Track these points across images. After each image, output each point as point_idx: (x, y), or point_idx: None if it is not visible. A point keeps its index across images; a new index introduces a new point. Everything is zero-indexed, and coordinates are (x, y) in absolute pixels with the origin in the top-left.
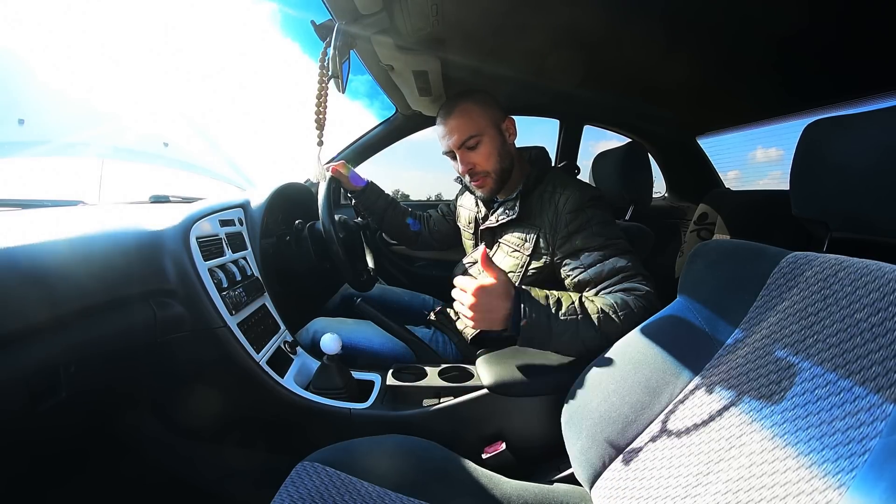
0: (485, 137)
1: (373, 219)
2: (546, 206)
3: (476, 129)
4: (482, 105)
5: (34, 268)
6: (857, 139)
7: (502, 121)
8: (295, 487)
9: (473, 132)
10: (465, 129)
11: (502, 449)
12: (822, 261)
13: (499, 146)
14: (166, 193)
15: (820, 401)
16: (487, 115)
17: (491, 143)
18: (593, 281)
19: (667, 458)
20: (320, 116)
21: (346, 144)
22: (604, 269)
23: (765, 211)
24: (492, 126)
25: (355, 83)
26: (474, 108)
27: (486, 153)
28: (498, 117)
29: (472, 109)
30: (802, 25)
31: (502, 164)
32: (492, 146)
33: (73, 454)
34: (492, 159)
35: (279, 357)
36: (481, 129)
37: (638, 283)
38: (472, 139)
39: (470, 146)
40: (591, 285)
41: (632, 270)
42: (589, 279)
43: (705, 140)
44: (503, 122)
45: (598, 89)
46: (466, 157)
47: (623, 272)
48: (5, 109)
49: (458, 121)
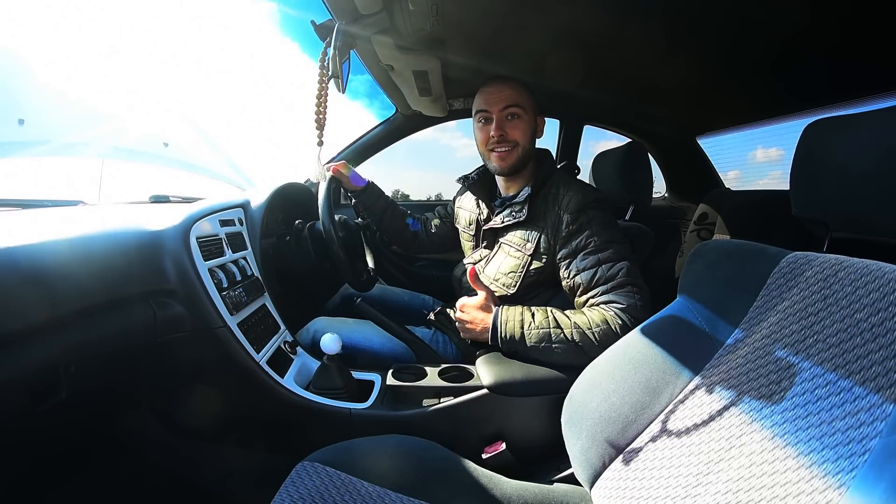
0: (525, 115)
1: (372, 220)
2: (550, 207)
3: (523, 102)
4: (530, 92)
5: (34, 268)
6: (857, 139)
7: (537, 115)
8: (295, 487)
9: (520, 103)
10: (514, 98)
11: (502, 449)
12: (822, 261)
13: (532, 130)
14: (166, 193)
15: (820, 401)
16: (532, 102)
17: (528, 123)
18: (584, 285)
19: (667, 458)
20: (320, 116)
21: (346, 144)
22: (597, 274)
23: (765, 211)
24: (532, 111)
25: (355, 83)
26: (525, 90)
27: (522, 129)
28: (537, 110)
29: (523, 90)
30: (802, 25)
31: (530, 146)
32: (528, 126)
33: (73, 454)
34: (525, 136)
35: (279, 357)
36: (526, 106)
37: (626, 295)
38: (516, 108)
39: (511, 114)
40: (582, 289)
41: (625, 279)
42: (581, 282)
43: (705, 140)
44: (537, 116)
45: (598, 89)
46: (503, 124)
47: (615, 280)
48: (5, 109)
49: (511, 89)
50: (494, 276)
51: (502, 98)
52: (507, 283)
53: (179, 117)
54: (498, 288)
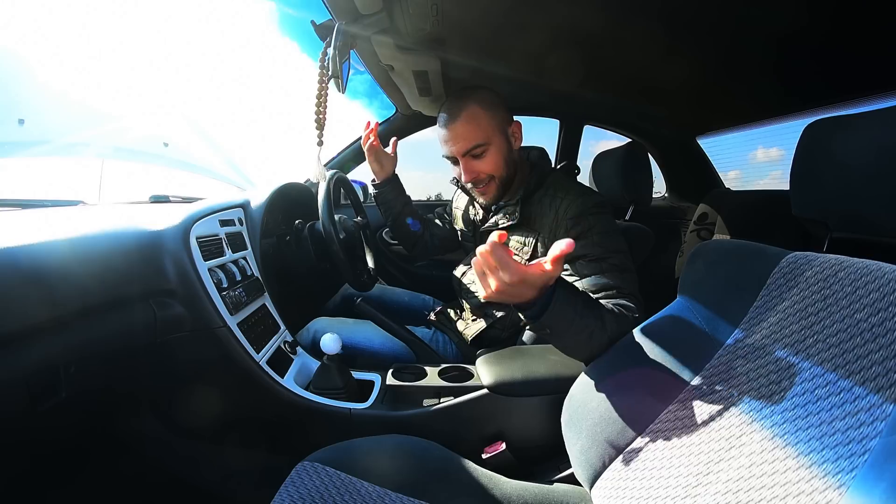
0: (491, 146)
1: (388, 216)
2: (546, 210)
3: (483, 136)
4: (490, 108)
5: (34, 268)
6: (857, 139)
7: (509, 125)
8: (295, 487)
9: (480, 140)
10: (472, 136)
11: (502, 449)
12: (822, 261)
13: (505, 154)
14: (166, 193)
15: (820, 401)
16: (495, 120)
17: (498, 151)
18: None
19: (667, 458)
20: (320, 116)
21: (346, 144)
22: (599, 281)
23: (765, 211)
24: (499, 133)
25: (355, 83)
26: (482, 114)
27: (493, 162)
28: (505, 121)
29: (480, 115)
30: (802, 25)
31: (508, 171)
32: (498, 155)
33: (74, 454)
34: (498, 168)
35: (279, 357)
36: (488, 136)
37: (628, 302)
38: (478, 148)
39: (476, 154)
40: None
41: (625, 289)
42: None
43: (705, 140)
44: (510, 126)
45: (598, 89)
46: (471, 166)
47: (617, 289)
48: (5, 109)
49: (464, 127)
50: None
51: (459, 140)
52: None
53: (179, 117)
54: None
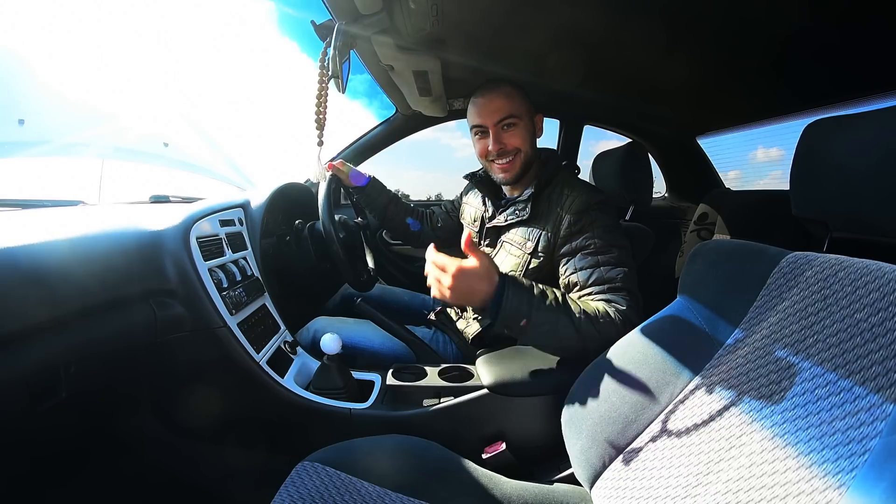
0: (521, 122)
1: (375, 215)
2: (552, 206)
3: (517, 110)
4: (522, 93)
5: (34, 268)
6: (857, 139)
7: (534, 114)
8: (295, 487)
9: (514, 112)
10: (507, 107)
11: (502, 449)
12: (822, 261)
13: (531, 135)
14: (166, 193)
15: (820, 401)
16: (526, 103)
17: (526, 128)
18: (581, 283)
19: (667, 458)
20: (320, 116)
21: (346, 144)
22: (594, 274)
23: (765, 211)
24: (528, 114)
25: (355, 83)
26: (516, 93)
27: (520, 137)
28: (532, 109)
29: (515, 94)
30: (802, 25)
31: (532, 150)
32: (526, 132)
33: (74, 454)
34: (525, 143)
35: (279, 357)
36: (521, 112)
37: (622, 298)
38: (511, 118)
39: (507, 124)
40: (578, 287)
41: (621, 283)
42: (577, 281)
43: (705, 140)
44: (535, 115)
45: (598, 89)
46: (500, 136)
47: (612, 283)
48: (5, 109)
49: (502, 99)
50: None
51: (495, 110)
52: None
53: (179, 117)
54: None
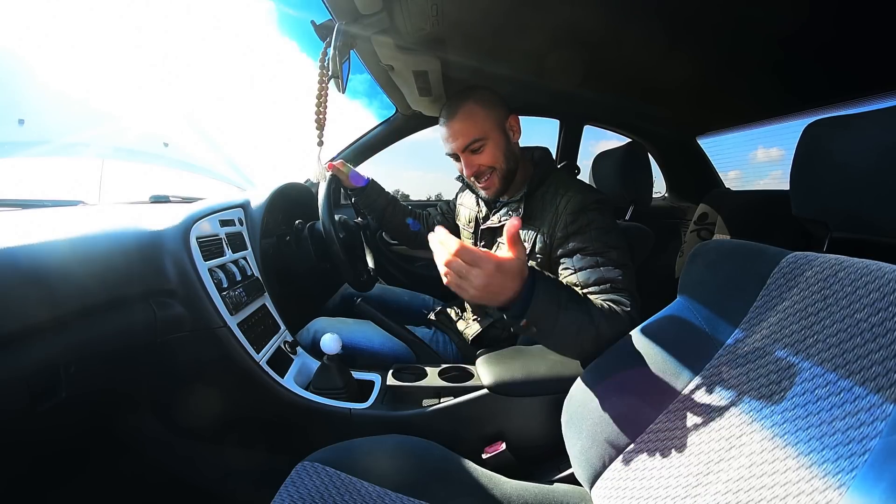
0: (489, 141)
1: (373, 217)
2: (547, 207)
3: (480, 132)
4: (486, 105)
5: (34, 268)
6: (857, 139)
7: (506, 119)
8: (295, 487)
9: (478, 135)
10: (469, 132)
11: (502, 449)
12: (822, 261)
13: (504, 147)
14: (166, 193)
15: (820, 401)
16: (492, 116)
17: (496, 145)
18: (581, 284)
19: (667, 458)
20: (320, 116)
21: (346, 144)
22: (593, 275)
23: (765, 211)
24: (496, 127)
25: (355, 83)
26: (478, 110)
27: (492, 155)
28: (502, 116)
29: (476, 111)
30: (802, 25)
31: (508, 164)
32: (497, 148)
33: (74, 454)
34: (497, 160)
35: (279, 357)
36: (486, 131)
37: (624, 297)
38: (476, 142)
39: (474, 149)
40: (578, 289)
41: (621, 284)
42: (577, 282)
43: (705, 140)
44: (507, 120)
45: (598, 89)
46: (471, 160)
47: (611, 283)
48: (5, 109)
49: (462, 124)
50: None
51: (458, 136)
52: None
53: (179, 117)
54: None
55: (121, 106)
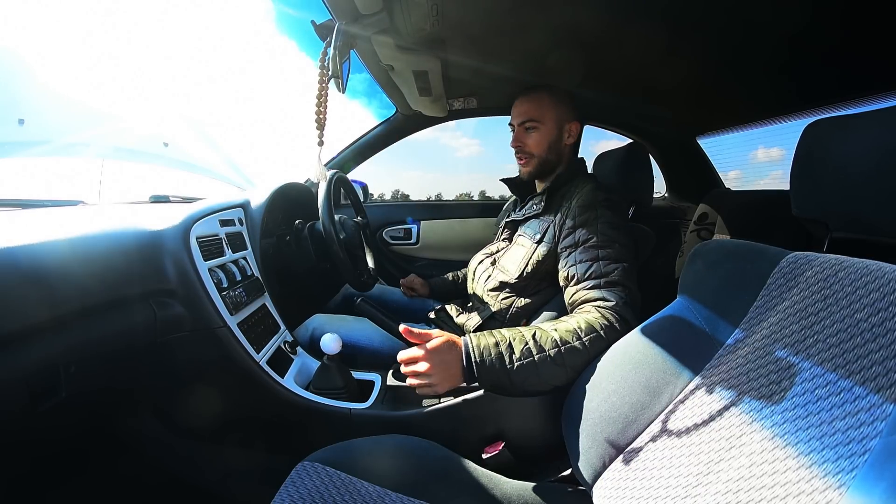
0: (542, 126)
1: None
2: (563, 201)
3: (537, 116)
4: (555, 99)
5: (34, 268)
6: (857, 139)
7: (568, 121)
8: (295, 487)
9: (533, 117)
10: (528, 112)
11: (502, 449)
12: (822, 261)
13: (551, 140)
14: (166, 193)
15: (820, 401)
16: (555, 110)
17: (545, 133)
18: (578, 276)
19: (667, 458)
20: (320, 116)
21: (346, 144)
22: (592, 268)
23: (765, 211)
24: (553, 120)
25: (355, 83)
26: (546, 99)
27: (537, 140)
28: (564, 116)
29: (544, 99)
30: (803, 25)
31: (548, 155)
32: (544, 137)
33: (73, 454)
34: (539, 147)
35: (279, 357)
36: (542, 118)
37: (614, 293)
38: (530, 122)
39: (527, 127)
40: (575, 280)
41: (617, 279)
42: (574, 274)
43: (705, 140)
44: (569, 122)
45: (598, 89)
46: (518, 135)
47: (607, 277)
48: (5, 109)
49: (527, 104)
50: (502, 266)
51: (520, 112)
52: (509, 269)
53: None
54: (500, 272)
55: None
